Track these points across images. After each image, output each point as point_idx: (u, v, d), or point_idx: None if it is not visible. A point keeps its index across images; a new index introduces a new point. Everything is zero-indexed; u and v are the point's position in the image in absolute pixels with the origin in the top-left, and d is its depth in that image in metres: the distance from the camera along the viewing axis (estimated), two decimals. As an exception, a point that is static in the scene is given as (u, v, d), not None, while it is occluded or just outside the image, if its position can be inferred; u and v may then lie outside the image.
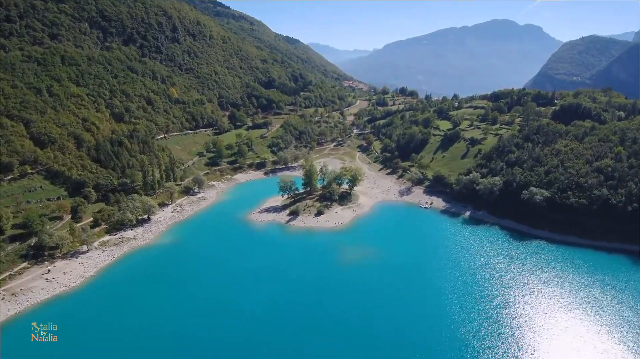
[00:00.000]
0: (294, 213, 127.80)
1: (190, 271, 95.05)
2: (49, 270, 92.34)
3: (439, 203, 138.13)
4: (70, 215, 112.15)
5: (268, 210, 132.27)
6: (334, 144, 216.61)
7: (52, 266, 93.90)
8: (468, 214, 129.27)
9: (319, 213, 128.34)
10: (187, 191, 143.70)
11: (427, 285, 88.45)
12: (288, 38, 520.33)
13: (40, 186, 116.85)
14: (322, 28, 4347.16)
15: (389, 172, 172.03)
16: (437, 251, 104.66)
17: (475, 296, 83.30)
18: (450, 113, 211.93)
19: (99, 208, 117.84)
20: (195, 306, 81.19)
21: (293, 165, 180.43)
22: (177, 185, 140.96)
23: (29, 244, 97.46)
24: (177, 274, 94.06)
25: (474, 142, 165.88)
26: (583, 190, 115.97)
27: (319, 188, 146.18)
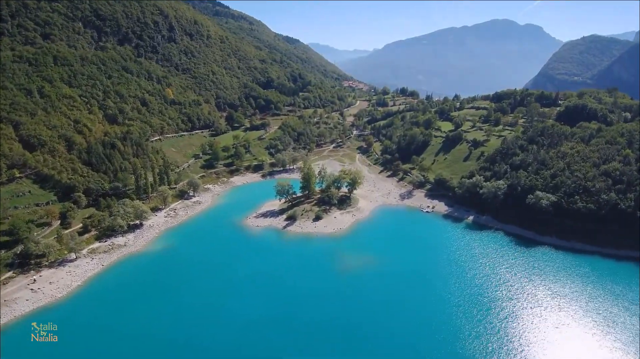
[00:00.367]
0: (292, 218, 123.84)
1: (183, 280, 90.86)
2: (35, 280, 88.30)
3: (441, 207, 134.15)
4: (59, 221, 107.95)
5: (265, 215, 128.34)
6: (334, 146, 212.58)
7: (38, 276, 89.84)
8: (471, 219, 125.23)
9: (317, 218, 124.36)
10: (181, 195, 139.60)
11: (430, 296, 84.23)
12: (288, 38, 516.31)
13: (29, 191, 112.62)
14: (322, 28, 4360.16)
15: (390, 174, 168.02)
16: (440, 259, 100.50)
17: (482, 309, 79.14)
18: (452, 114, 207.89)
19: (89, 213, 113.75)
20: (188, 317, 77.22)
21: (291, 167, 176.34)
22: (171, 189, 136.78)
23: (15, 252, 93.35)
24: (169, 282, 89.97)
25: (477, 143, 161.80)
26: (591, 195, 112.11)
27: (318, 191, 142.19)
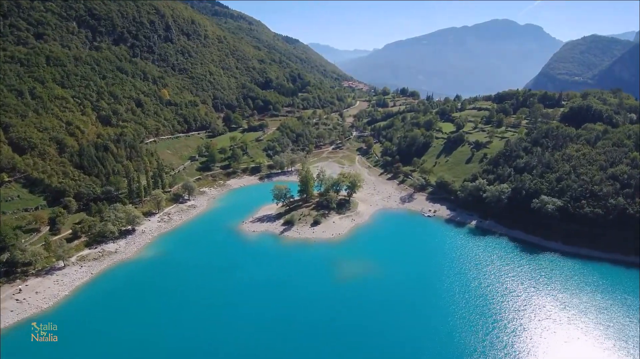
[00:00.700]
0: (289, 222, 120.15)
1: (176, 288, 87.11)
2: (20, 289, 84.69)
3: (443, 211, 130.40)
4: (49, 227, 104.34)
5: (262, 219, 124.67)
6: (333, 147, 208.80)
7: (24, 285, 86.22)
8: (474, 223, 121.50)
9: (316, 222, 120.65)
10: (176, 199, 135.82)
11: (433, 307, 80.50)
12: (287, 38, 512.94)
13: (18, 196, 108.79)
14: (322, 28, 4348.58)
15: (390, 177, 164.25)
16: (442, 267, 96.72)
17: (488, 321, 75.37)
18: (453, 115, 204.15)
19: (80, 218, 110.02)
20: (181, 327, 73.68)
21: (290, 170, 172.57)
22: (165, 193, 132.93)
23: (1, 260, 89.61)
24: (161, 291, 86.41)
25: (479, 145, 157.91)
26: (598, 199, 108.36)
27: (316, 194, 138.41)
